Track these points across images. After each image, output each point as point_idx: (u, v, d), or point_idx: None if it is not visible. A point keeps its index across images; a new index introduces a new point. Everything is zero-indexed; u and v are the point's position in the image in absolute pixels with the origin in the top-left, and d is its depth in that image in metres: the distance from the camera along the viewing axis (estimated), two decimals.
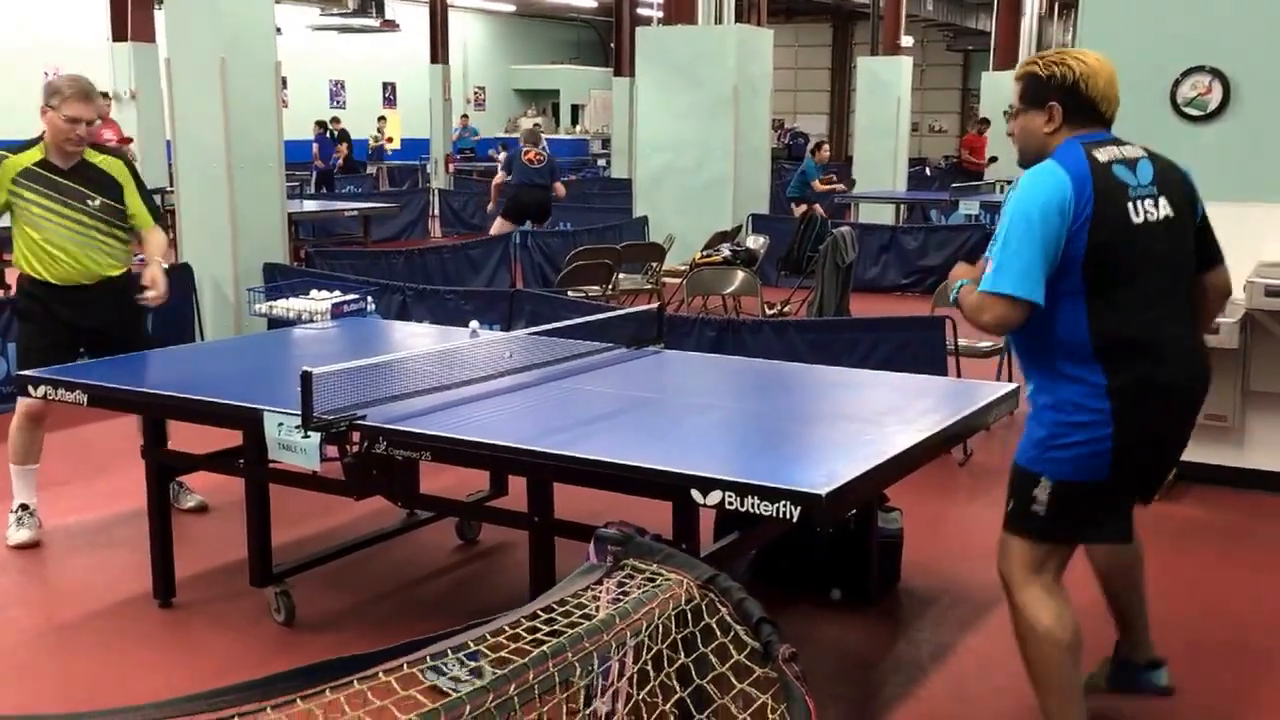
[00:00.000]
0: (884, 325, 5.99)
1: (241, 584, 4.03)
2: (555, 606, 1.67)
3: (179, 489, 5.01)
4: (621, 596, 1.71)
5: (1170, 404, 2.80)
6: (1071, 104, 2.81)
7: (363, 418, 3.29)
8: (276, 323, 5.94)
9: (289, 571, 4.05)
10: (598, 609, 1.66)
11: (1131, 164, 2.81)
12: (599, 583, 1.78)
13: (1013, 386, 3.87)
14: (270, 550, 3.95)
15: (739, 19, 11.82)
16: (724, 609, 1.71)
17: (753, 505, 2.65)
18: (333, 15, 18.18)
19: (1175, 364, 2.79)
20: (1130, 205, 2.75)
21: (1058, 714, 2.88)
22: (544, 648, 1.52)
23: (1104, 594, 3.30)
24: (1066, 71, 2.82)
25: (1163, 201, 2.81)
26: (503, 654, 1.54)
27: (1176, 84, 5.21)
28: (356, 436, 3.27)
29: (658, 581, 1.76)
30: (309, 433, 3.24)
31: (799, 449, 3.26)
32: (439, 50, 21.66)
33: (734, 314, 8.18)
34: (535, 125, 12.85)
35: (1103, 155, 2.77)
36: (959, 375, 5.56)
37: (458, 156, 21.90)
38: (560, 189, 12.02)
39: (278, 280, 7.16)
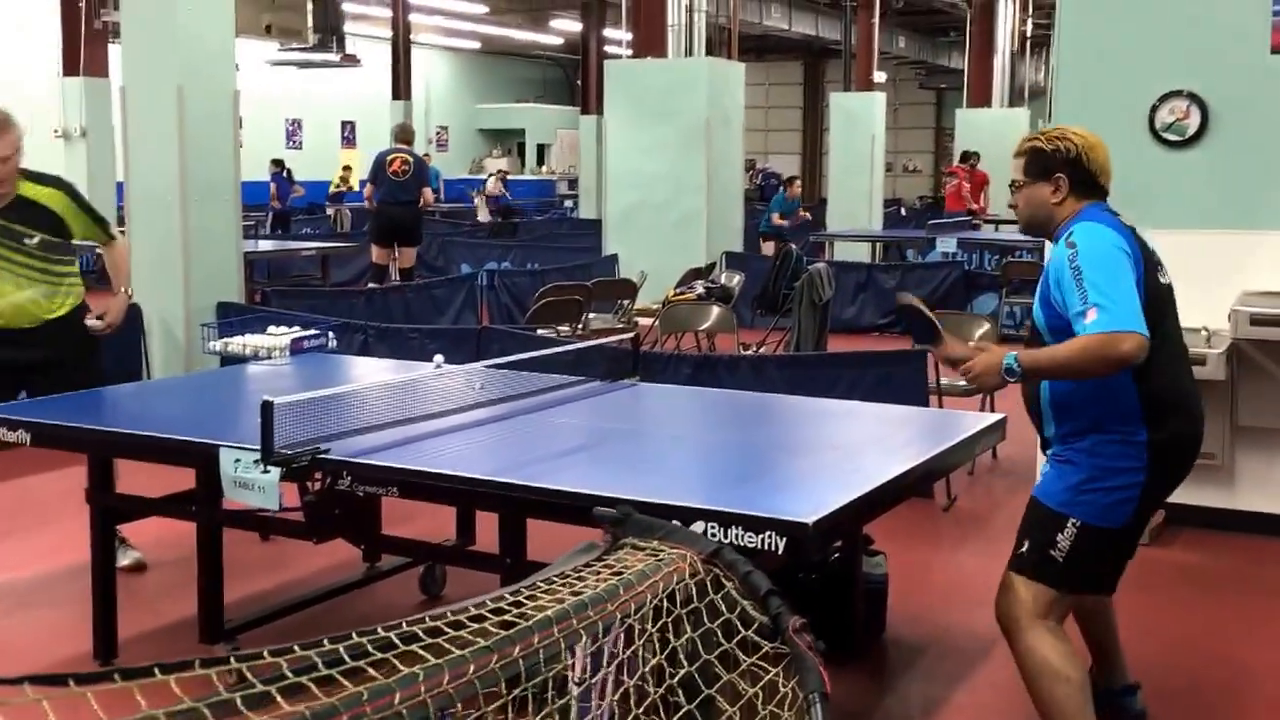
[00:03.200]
0: (864, 361, 5.86)
1: (189, 642, 3.78)
2: (542, 584, 1.54)
3: (118, 544, 4.75)
4: (623, 571, 1.59)
5: (1189, 458, 2.97)
6: (1076, 176, 2.97)
7: (326, 452, 3.09)
8: (230, 361, 5.72)
9: (241, 627, 3.81)
10: (598, 583, 1.54)
11: (1140, 233, 2.97)
12: (599, 559, 1.65)
13: (999, 416, 3.76)
14: (222, 604, 3.72)
15: (710, 54, 11.78)
16: (729, 583, 1.67)
17: (736, 536, 2.52)
18: (292, 50, 18.02)
19: (1197, 420, 2.97)
20: (1158, 266, 2.94)
21: None
22: (548, 613, 1.45)
23: (1080, 627, 3.33)
24: (1070, 145, 2.98)
25: (1165, 270, 2.99)
26: (490, 625, 1.42)
27: (1154, 109, 5.14)
28: (318, 475, 3.08)
29: (660, 557, 1.67)
30: (268, 468, 3.04)
31: (782, 479, 3.14)
32: (401, 87, 21.59)
33: (709, 352, 8.03)
34: (406, 124, 11.89)
35: (1126, 221, 2.95)
36: None
37: None
38: (429, 195, 11.20)
39: (232, 318, 6.94)
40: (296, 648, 1.30)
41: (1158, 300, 2.86)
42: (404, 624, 1.38)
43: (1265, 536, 5.04)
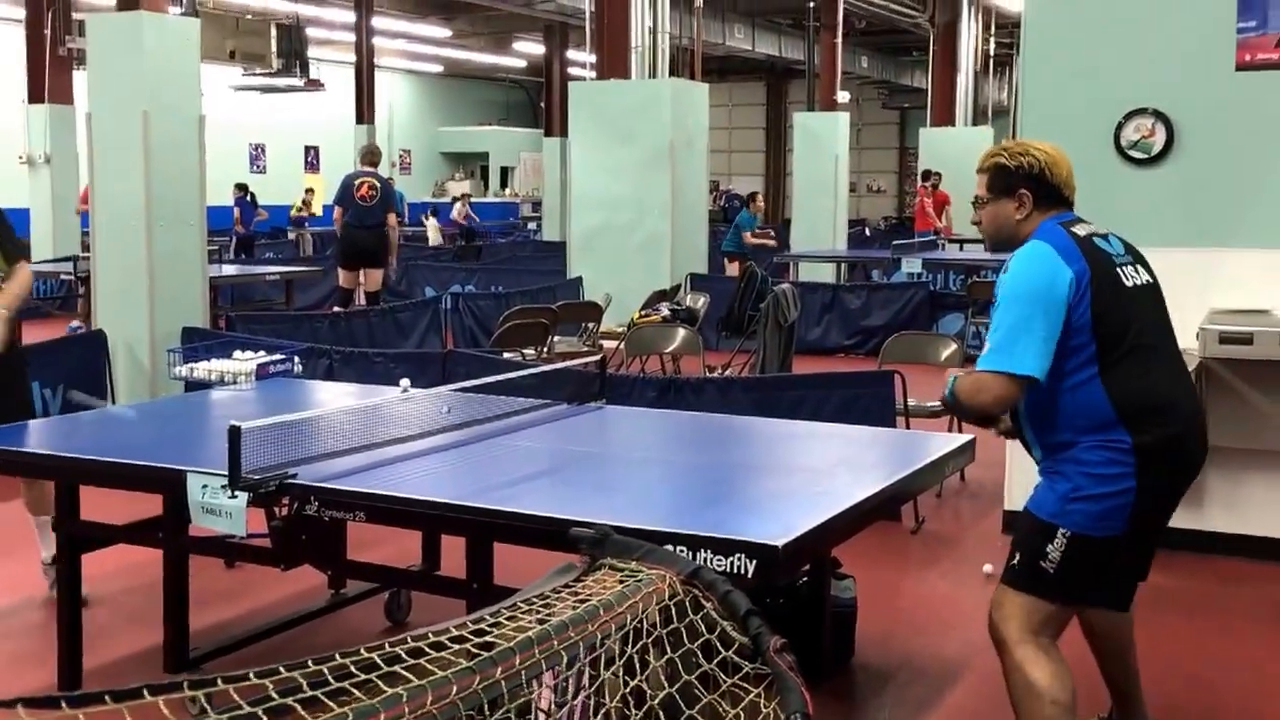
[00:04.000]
0: (830, 381, 5.87)
1: (154, 672, 3.73)
2: (522, 605, 1.52)
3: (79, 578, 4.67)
4: (603, 592, 1.59)
5: (1184, 462, 2.91)
6: (1039, 191, 2.97)
7: (293, 477, 3.07)
8: (196, 386, 5.66)
9: (206, 656, 3.76)
10: (578, 604, 1.52)
11: (1104, 237, 2.97)
12: (577, 580, 1.64)
13: (968, 438, 3.76)
14: (187, 633, 3.67)
15: (673, 75, 11.81)
16: (709, 604, 1.65)
17: (706, 560, 2.52)
18: (255, 75, 17.95)
19: (1187, 423, 2.90)
20: (1119, 271, 2.89)
21: None
22: (529, 634, 1.43)
23: (1100, 668, 3.28)
24: (1032, 161, 2.99)
25: (1140, 268, 2.97)
26: (472, 646, 1.40)
27: (1120, 127, 5.18)
28: (285, 500, 3.05)
29: (639, 577, 1.65)
30: (235, 493, 3.01)
31: (751, 501, 3.14)
32: (365, 110, 21.53)
33: (675, 374, 8.02)
34: (373, 146, 11.75)
35: (1080, 230, 2.93)
36: None
37: None
38: (393, 221, 11.11)
39: (197, 343, 6.88)
40: (281, 669, 1.27)
41: (1121, 306, 2.84)
42: (386, 645, 1.36)
43: (1235, 558, 5.04)
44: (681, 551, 2.51)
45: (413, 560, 4.32)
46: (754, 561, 2.49)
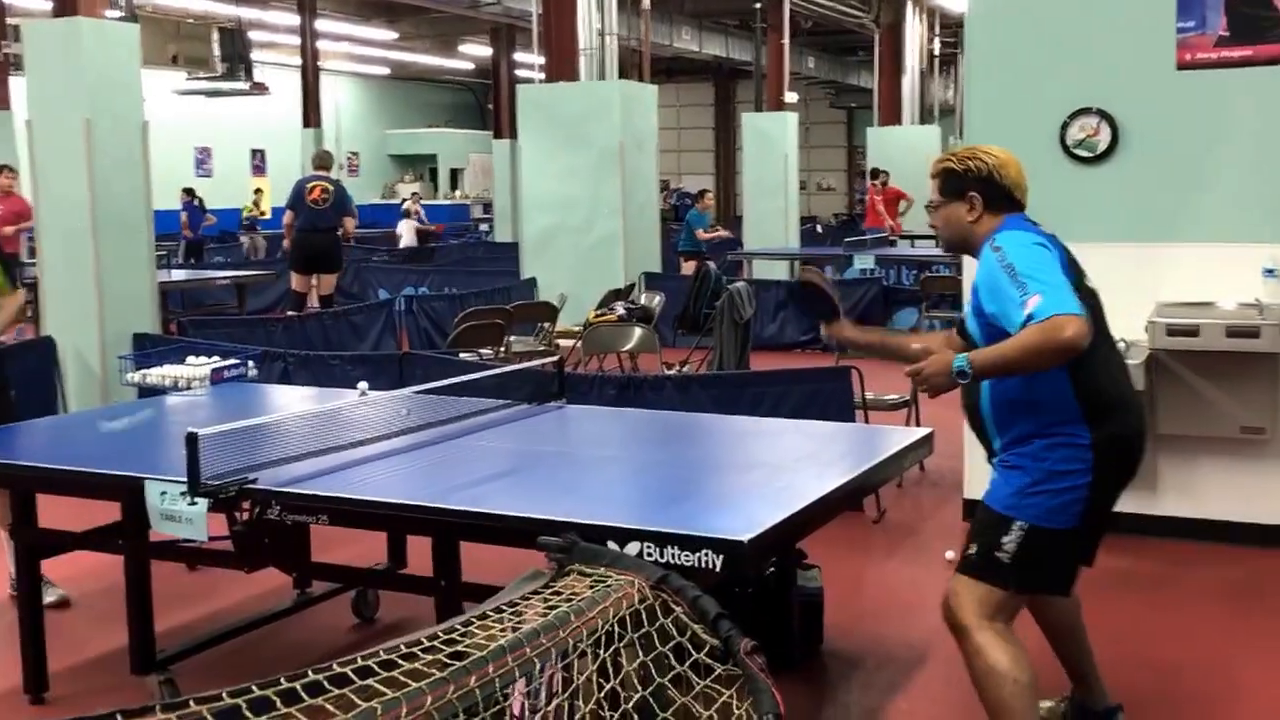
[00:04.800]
0: (789, 377, 5.91)
1: (121, 674, 3.69)
2: (492, 613, 1.53)
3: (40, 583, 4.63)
4: (572, 598, 1.59)
5: (1134, 459, 3.00)
6: (990, 193, 3.02)
7: (253, 481, 3.05)
8: (149, 392, 5.60)
9: (173, 658, 3.73)
10: (548, 611, 1.53)
11: (1058, 239, 3.02)
12: (546, 586, 1.65)
13: (927, 431, 3.82)
14: (153, 635, 3.64)
15: (622, 76, 11.83)
16: (678, 608, 1.67)
17: (673, 556, 2.53)
18: (200, 79, 17.75)
19: (1138, 418, 3.02)
20: (1082, 273, 2.97)
21: None
22: (501, 642, 1.43)
23: (1055, 652, 3.36)
24: (980, 165, 3.04)
25: (1088, 275, 3.03)
26: (444, 656, 1.40)
27: (1065, 126, 5.27)
28: (247, 503, 3.03)
29: (608, 583, 1.67)
30: (195, 500, 2.99)
31: (715, 497, 3.17)
32: (311, 114, 21.34)
33: (633, 373, 8.03)
34: (324, 151, 11.75)
35: (1044, 230, 3.00)
36: None
37: None
38: (350, 225, 11.08)
39: (149, 349, 6.80)
40: (255, 687, 1.27)
41: (1087, 302, 2.85)
42: (359, 659, 1.37)
43: (1186, 540, 5.16)
44: (649, 548, 2.54)
45: (378, 558, 4.32)
46: (721, 556, 2.51)
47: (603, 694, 1.55)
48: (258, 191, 22.50)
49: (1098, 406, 2.87)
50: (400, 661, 1.37)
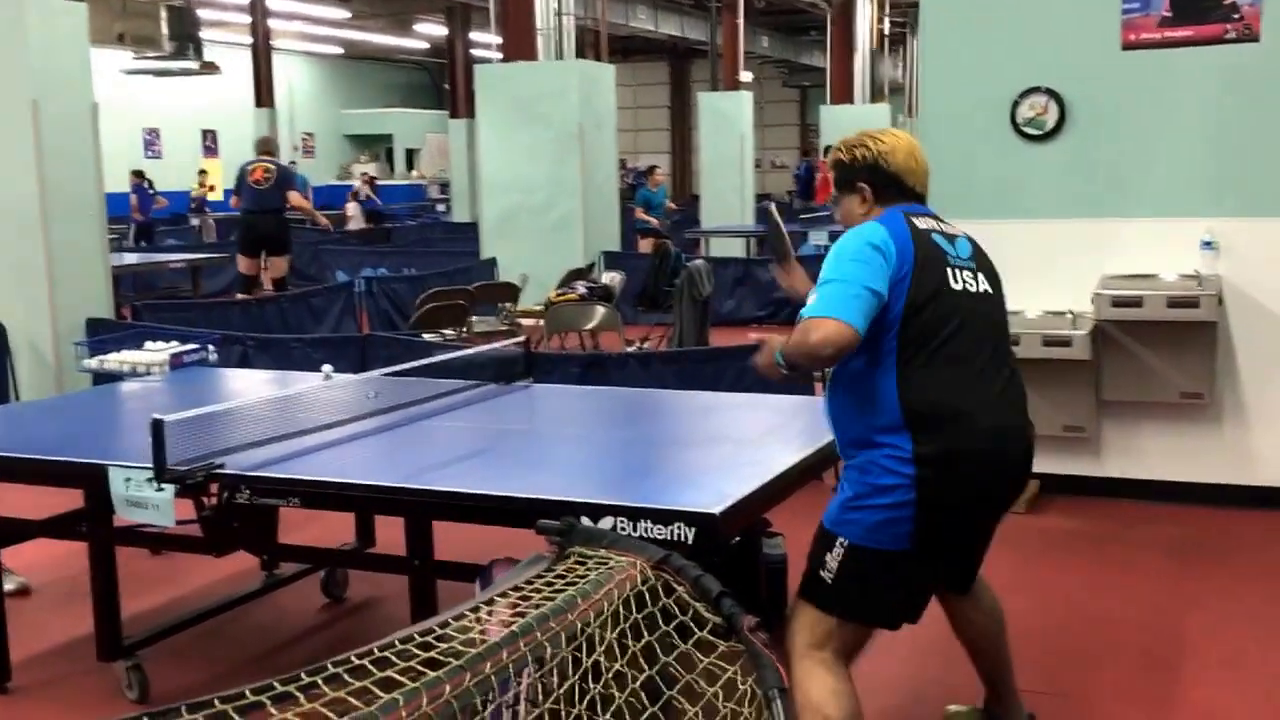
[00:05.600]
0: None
1: (88, 661, 3.69)
2: (499, 598, 1.56)
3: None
4: (576, 581, 1.63)
5: (978, 477, 2.69)
6: (878, 181, 2.83)
7: (220, 466, 3.06)
8: (105, 379, 5.55)
9: (141, 643, 3.73)
10: (554, 595, 1.56)
11: (950, 238, 2.81)
12: (549, 570, 1.68)
13: None
14: (119, 621, 3.64)
15: (579, 56, 11.81)
16: (680, 588, 1.69)
17: (645, 530, 2.58)
18: (148, 58, 17.45)
19: (987, 439, 2.68)
20: (949, 271, 2.73)
21: None
22: (512, 628, 1.45)
23: (972, 661, 3.18)
24: (865, 152, 2.85)
25: (981, 277, 2.81)
26: (458, 644, 1.43)
27: (1015, 105, 5.37)
28: (214, 488, 3.04)
29: (610, 564, 1.70)
30: (162, 486, 2.99)
31: (685, 472, 3.21)
32: (263, 94, 21.10)
33: (595, 351, 8.07)
34: (266, 137, 11.70)
35: (921, 224, 2.77)
36: None
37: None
38: (296, 198, 10.93)
39: (104, 335, 6.74)
40: (276, 684, 1.29)
41: (939, 304, 2.67)
42: (375, 649, 1.39)
43: (1129, 500, 5.36)
44: (622, 522, 2.58)
45: (343, 538, 4.33)
46: (693, 529, 2.55)
47: (609, 674, 1.58)
48: (202, 172, 22.24)
49: (923, 417, 2.62)
50: (415, 651, 1.39)
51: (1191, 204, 5.19)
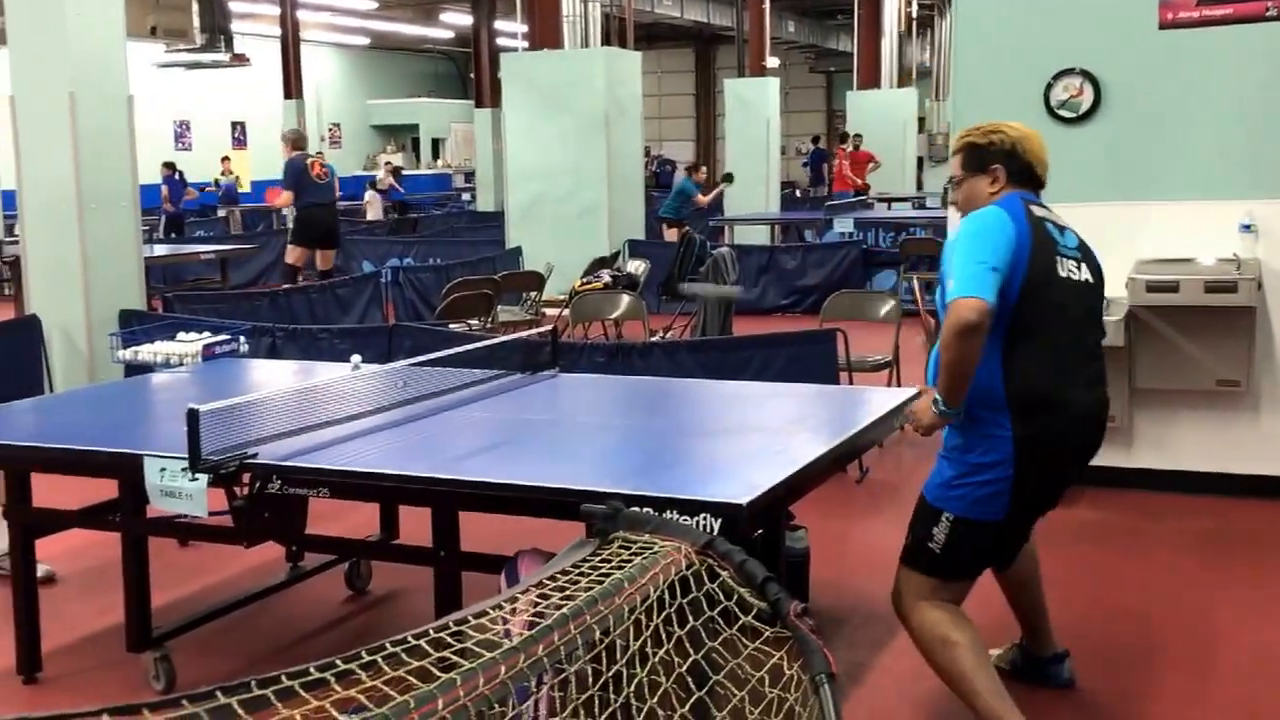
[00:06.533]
0: (774, 341, 5.96)
1: (115, 652, 3.74)
2: (548, 582, 1.56)
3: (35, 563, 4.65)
4: (622, 565, 1.64)
5: (1068, 455, 3.01)
6: (1012, 166, 3.05)
7: (253, 456, 3.08)
8: (138, 370, 5.61)
9: (169, 634, 3.76)
10: (601, 579, 1.57)
11: (1060, 228, 3.02)
12: (594, 554, 1.68)
13: (913, 391, 3.85)
14: (149, 612, 3.67)
15: (604, 44, 11.80)
16: (724, 572, 1.70)
17: (671, 519, 2.55)
18: (179, 51, 17.53)
19: (1074, 425, 2.98)
20: (1057, 259, 2.94)
21: (993, 712, 2.90)
22: (563, 610, 1.47)
23: (1008, 601, 3.45)
24: (1004, 138, 3.07)
25: (1084, 267, 3.02)
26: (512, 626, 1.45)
27: (1049, 87, 5.31)
28: (246, 478, 3.06)
29: (655, 549, 1.70)
30: (196, 476, 3.02)
31: (712, 462, 3.20)
32: (292, 86, 21.18)
33: (620, 340, 8.07)
34: (298, 132, 11.91)
35: (1037, 211, 2.99)
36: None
37: None
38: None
39: (135, 326, 6.79)
40: (339, 661, 1.30)
41: (1047, 291, 2.88)
42: (430, 630, 1.40)
43: (1161, 492, 5.28)
44: (649, 512, 2.57)
45: (367, 530, 4.35)
46: (719, 520, 2.54)
47: (656, 659, 1.58)
48: (225, 159, 22.33)
49: (1023, 400, 2.86)
50: (470, 632, 1.41)
51: (1230, 186, 5.12)
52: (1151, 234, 5.21)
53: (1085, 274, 3.01)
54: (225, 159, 22.38)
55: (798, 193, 23.57)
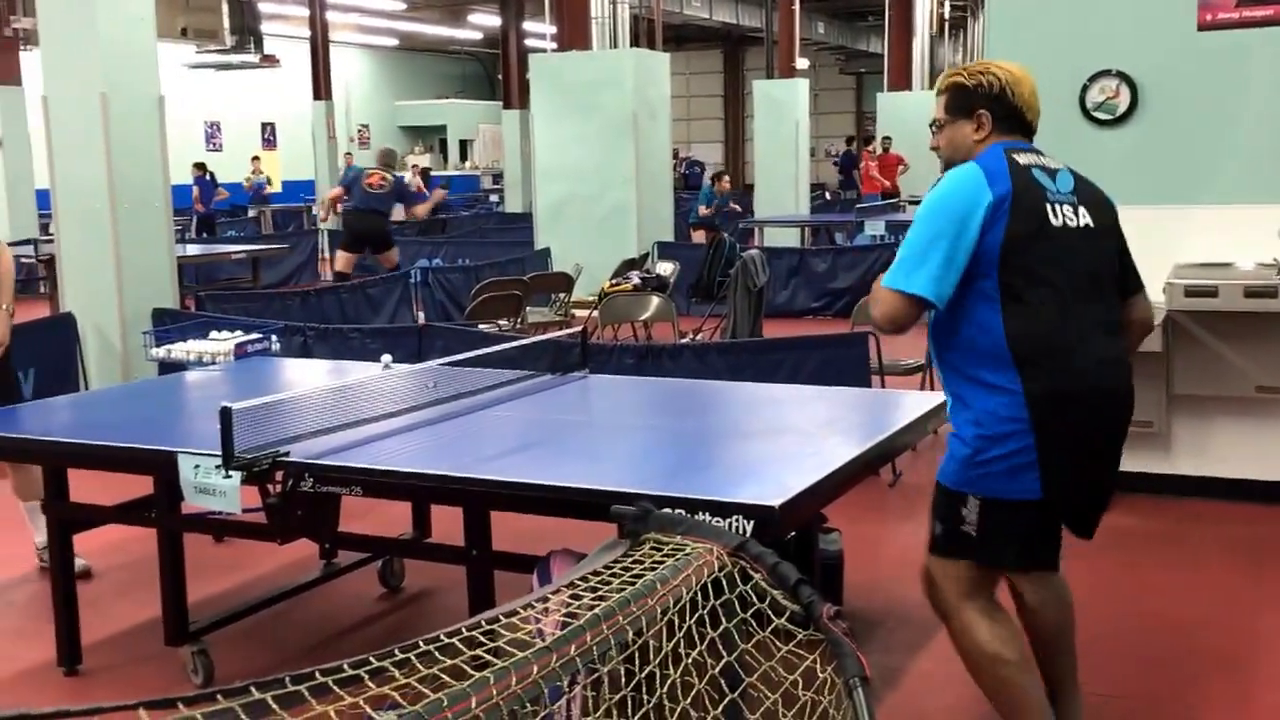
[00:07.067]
0: (806, 344, 5.93)
1: (152, 645, 3.77)
2: (580, 583, 1.56)
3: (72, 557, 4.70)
4: (654, 567, 1.63)
5: (1089, 411, 2.71)
6: (999, 111, 2.82)
7: (286, 454, 3.09)
8: (171, 368, 5.65)
9: (206, 629, 3.80)
10: (633, 580, 1.57)
11: (1051, 172, 2.80)
12: (625, 555, 1.67)
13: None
14: (185, 606, 3.70)
15: (633, 44, 11.80)
16: (757, 574, 1.68)
17: (704, 521, 2.54)
18: (210, 52, 17.67)
19: (1092, 372, 2.71)
20: (1048, 206, 2.72)
21: None
22: (596, 610, 1.46)
23: (1035, 653, 3.08)
24: (993, 80, 2.82)
25: (1083, 211, 2.79)
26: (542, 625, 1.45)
27: (1085, 88, 5.27)
28: (279, 475, 3.07)
29: (687, 550, 1.69)
30: (230, 473, 3.03)
31: (743, 463, 3.18)
32: (321, 87, 21.29)
33: (649, 341, 8.06)
34: (389, 150, 12.45)
35: (1022, 159, 2.77)
36: None
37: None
38: (421, 210, 12.04)
39: (169, 325, 6.84)
40: (372, 659, 1.31)
41: (1039, 243, 2.67)
42: (463, 629, 1.40)
43: (1200, 498, 5.22)
44: (680, 514, 2.56)
45: (400, 528, 4.37)
46: (751, 522, 2.52)
47: (688, 660, 1.58)
48: (255, 159, 22.47)
49: (1031, 353, 2.65)
50: (503, 632, 1.41)
51: (1270, 189, 5.05)
52: (1190, 238, 5.15)
53: (1085, 218, 2.77)
54: (255, 158, 22.53)
55: (827, 195, 23.51)
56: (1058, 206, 2.73)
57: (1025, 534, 2.76)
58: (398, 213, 12.64)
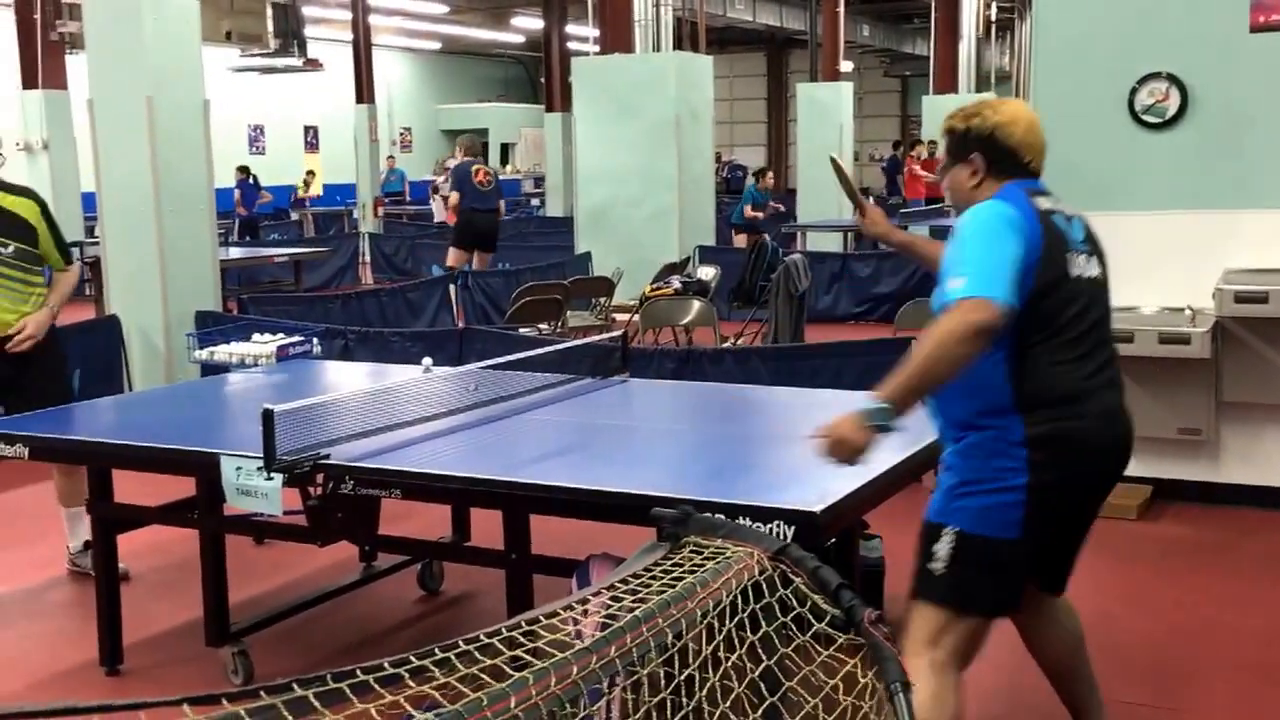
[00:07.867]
0: (847, 350, 5.89)
1: (193, 646, 3.79)
2: (620, 584, 1.55)
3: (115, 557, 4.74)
4: (694, 570, 1.63)
5: (1092, 457, 2.63)
6: (993, 154, 2.70)
7: (326, 457, 3.09)
8: (213, 370, 5.70)
9: (246, 630, 3.81)
10: (674, 583, 1.56)
11: (1068, 219, 2.70)
12: (666, 558, 1.67)
13: None
14: (227, 607, 3.72)
15: (676, 47, 11.78)
16: (798, 579, 1.66)
17: (744, 525, 2.52)
18: (253, 56, 17.86)
19: (1096, 422, 2.61)
20: (1069, 256, 2.63)
21: None
22: (635, 613, 1.46)
23: (1053, 685, 3.00)
24: (982, 122, 2.71)
25: (1094, 261, 2.71)
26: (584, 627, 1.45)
27: (1134, 91, 5.19)
28: (320, 478, 3.08)
29: (727, 554, 1.68)
30: (271, 475, 3.04)
31: (784, 469, 3.16)
32: (364, 90, 21.44)
33: (690, 346, 8.04)
34: (474, 141, 12.25)
35: (1043, 203, 2.67)
36: None
37: (387, 200, 21.60)
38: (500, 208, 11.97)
39: (211, 327, 6.91)
40: (413, 658, 1.31)
41: (1061, 291, 2.58)
42: (503, 629, 1.40)
43: (1249, 508, 5.13)
44: (721, 520, 2.54)
45: (439, 531, 4.37)
46: (793, 527, 2.51)
47: (728, 664, 1.57)
48: (310, 173, 22.71)
49: (1036, 400, 2.54)
50: (543, 633, 1.40)
51: None
52: (1240, 243, 5.06)
53: (1095, 268, 2.69)
54: (310, 173, 22.73)
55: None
56: (1077, 256, 2.65)
57: (995, 574, 2.62)
58: (439, 214, 12.66)
